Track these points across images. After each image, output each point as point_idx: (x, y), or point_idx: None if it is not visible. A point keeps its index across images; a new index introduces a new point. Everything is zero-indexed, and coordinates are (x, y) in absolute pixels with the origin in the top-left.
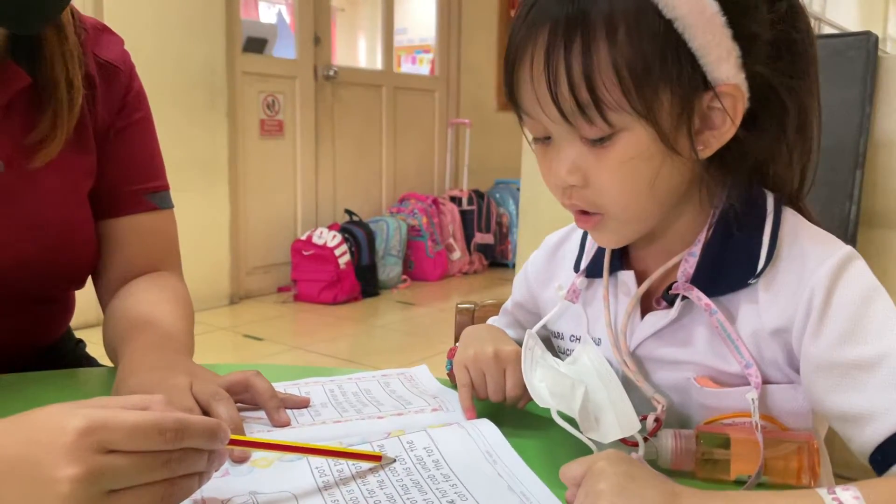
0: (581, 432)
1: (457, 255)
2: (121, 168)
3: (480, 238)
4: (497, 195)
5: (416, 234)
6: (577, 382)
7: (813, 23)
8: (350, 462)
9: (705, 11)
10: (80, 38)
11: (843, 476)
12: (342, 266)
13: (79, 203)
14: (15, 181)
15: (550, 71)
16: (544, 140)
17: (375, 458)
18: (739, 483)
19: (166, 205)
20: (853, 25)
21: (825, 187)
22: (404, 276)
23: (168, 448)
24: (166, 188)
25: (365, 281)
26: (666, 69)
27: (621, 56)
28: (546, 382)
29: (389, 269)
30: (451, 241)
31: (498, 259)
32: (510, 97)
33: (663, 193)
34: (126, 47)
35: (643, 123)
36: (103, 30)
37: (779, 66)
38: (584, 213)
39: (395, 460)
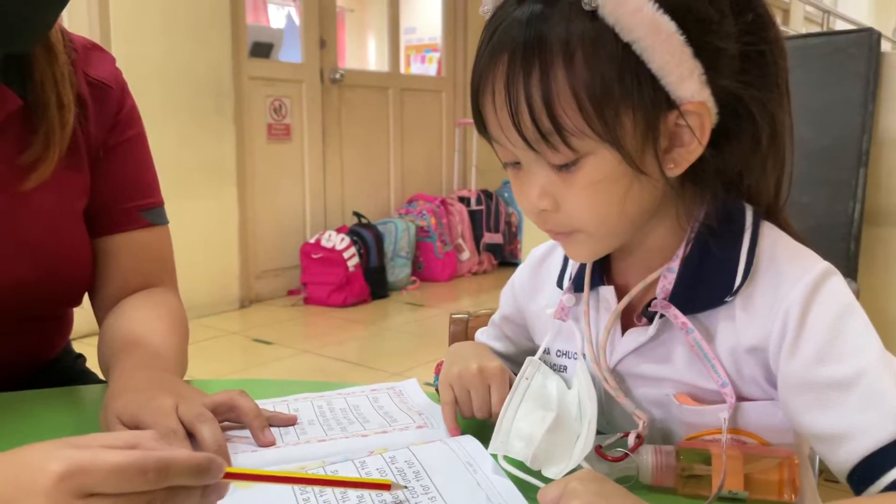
0: (533, 472)
1: (466, 255)
2: (114, 185)
3: (489, 238)
4: (506, 195)
5: (424, 235)
6: (548, 413)
7: (823, 16)
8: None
9: (662, 32)
10: (71, 58)
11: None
12: (351, 269)
13: (73, 222)
14: (9, 202)
15: (511, 100)
16: (514, 164)
17: (385, 486)
18: (721, 499)
19: (160, 221)
20: (866, 18)
21: (828, 186)
22: (413, 278)
23: (151, 488)
24: (160, 204)
25: (374, 283)
26: (626, 92)
27: (580, 81)
28: (522, 417)
29: (398, 270)
30: (460, 241)
31: (507, 259)
32: (477, 123)
33: (635, 212)
34: (132, 55)
35: (607, 147)
36: (93, 48)
37: (747, 80)
38: None
39: (405, 487)
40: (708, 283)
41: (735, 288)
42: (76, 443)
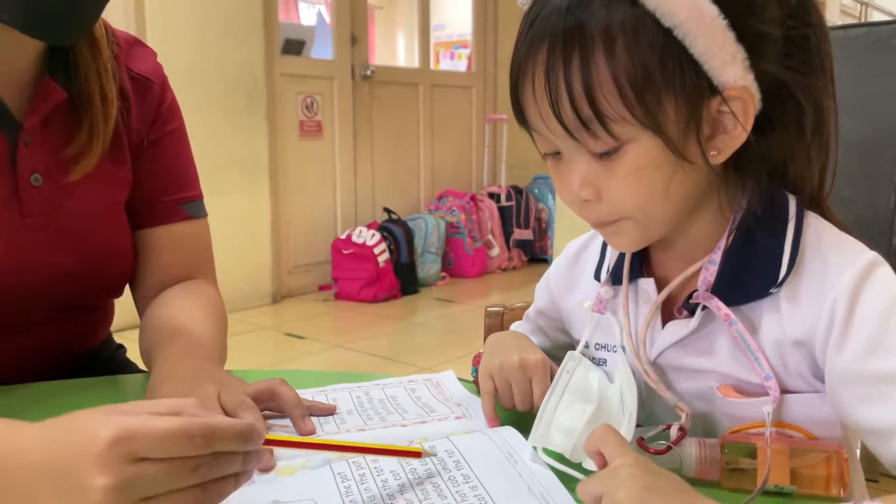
0: (573, 464)
1: (496, 251)
2: (155, 179)
3: (519, 234)
4: (536, 190)
5: (454, 230)
6: (588, 406)
7: (860, 8)
8: (374, 468)
9: (704, 16)
10: (114, 52)
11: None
12: (381, 264)
13: (116, 213)
14: (53, 194)
15: (551, 88)
16: (554, 155)
17: (416, 454)
18: (767, 493)
19: (200, 214)
20: None
21: (868, 179)
22: (443, 274)
23: (198, 453)
24: (200, 197)
25: (404, 279)
26: (668, 78)
27: (621, 68)
28: (562, 409)
29: (428, 266)
30: (490, 237)
31: (537, 254)
32: (517, 114)
33: (679, 200)
34: (167, 52)
35: (649, 134)
36: (135, 43)
37: (791, 65)
38: None
39: (436, 454)
40: (751, 274)
41: (780, 279)
42: (123, 409)
